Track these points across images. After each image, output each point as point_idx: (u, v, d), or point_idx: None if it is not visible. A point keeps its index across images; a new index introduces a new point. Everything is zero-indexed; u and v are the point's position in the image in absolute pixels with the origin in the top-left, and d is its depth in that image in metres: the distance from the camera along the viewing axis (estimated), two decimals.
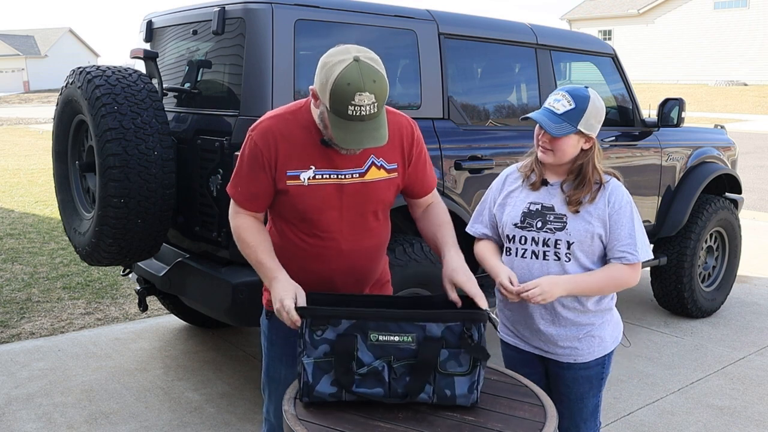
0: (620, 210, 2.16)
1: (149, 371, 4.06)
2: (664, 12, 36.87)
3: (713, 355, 4.39)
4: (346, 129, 1.81)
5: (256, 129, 2.00)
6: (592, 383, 2.31)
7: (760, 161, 14.02)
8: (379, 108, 1.80)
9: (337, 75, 1.75)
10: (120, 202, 3.00)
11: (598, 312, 2.25)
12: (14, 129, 22.30)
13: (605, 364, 2.31)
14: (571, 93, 2.15)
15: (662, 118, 4.61)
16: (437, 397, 1.80)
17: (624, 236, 2.15)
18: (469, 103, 3.77)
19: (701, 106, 27.28)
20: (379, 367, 1.78)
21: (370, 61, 1.78)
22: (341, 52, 1.80)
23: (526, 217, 2.24)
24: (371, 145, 1.83)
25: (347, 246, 2.06)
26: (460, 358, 1.79)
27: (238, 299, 2.98)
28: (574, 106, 2.12)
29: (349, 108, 1.76)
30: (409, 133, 2.09)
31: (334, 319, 1.79)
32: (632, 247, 2.15)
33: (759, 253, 6.99)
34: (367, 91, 1.75)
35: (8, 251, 6.65)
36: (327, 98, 1.79)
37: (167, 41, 3.71)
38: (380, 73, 1.78)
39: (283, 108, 2.04)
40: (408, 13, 3.50)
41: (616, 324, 2.33)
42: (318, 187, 1.98)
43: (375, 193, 2.04)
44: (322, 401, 1.81)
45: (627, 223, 2.15)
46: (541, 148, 2.21)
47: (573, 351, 2.26)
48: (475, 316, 1.80)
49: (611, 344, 2.30)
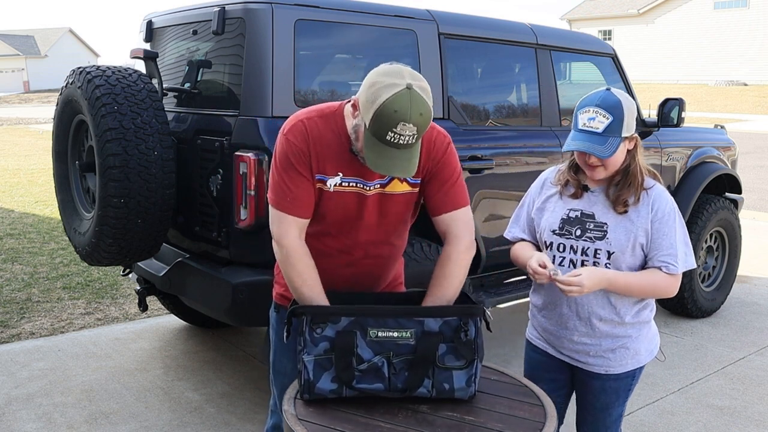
0: (663, 218, 2.07)
1: (149, 371, 4.06)
2: (664, 12, 36.86)
3: (713, 355, 4.39)
4: (380, 153, 1.77)
5: (288, 129, 1.94)
6: (620, 394, 2.24)
7: (760, 161, 14.02)
8: (417, 140, 1.77)
9: (386, 99, 1.71)
10: (120, 202, 3.00)
11: (636, 324, 2.17)
12: (14, 129, 22.30)
13: (635, 375, 2.24)
14: (602, 106, 2.03)
15: (662, 118, 4.61)
16: (436, 391, 1.83)
17: (665, 246, 2.06)
18: (469, 103, 3.77)
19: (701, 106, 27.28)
20: (378, 362, 1.80)
21: (421, 91, 1.74)
22: (394, 74, 1.75)
23: (565, 224, 2.16)
24: (400, 175, 1.79)
25: (360, 254, 2.06)
26: (457, 351, 1.82)
27: (238, 299, 2.98)
28: (612, 119, 2.01)
29: (389, 134, 1.73)
30: (438, 148, 2.01)
31: (334, 317, 1.81)
32: (673, 257, 2.06)
33: (759, 253, 6.99)
34: (412, 123, 1.72)
35: (8, 251, 6.65)
36: (369, 118, 1.75)
37: (167, 41, 3.71)
38: (427, 106, 1.74)
39: (312, 109, 1.98)
40: (408, 13, 3.50)
41: (652, 337, 2.25)
42: (341, 194, 1.97)
43: (394, 205, 2.02)
44: (322, 398, 1.82)
45: (669, 233, 2.07)
46: (590, 168, 2.10)
47: (605, 362, 2.19)
48: (472, 310, 1.83)
49: (645, 357, 2.22)
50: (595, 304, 2.15)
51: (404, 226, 2.12)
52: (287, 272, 1.95)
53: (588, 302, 2.15)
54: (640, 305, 2.17)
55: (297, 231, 1.95)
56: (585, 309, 2.16)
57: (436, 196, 2.02)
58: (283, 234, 1.94)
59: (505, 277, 4.05)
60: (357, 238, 2.03)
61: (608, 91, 2.07)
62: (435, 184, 2.02)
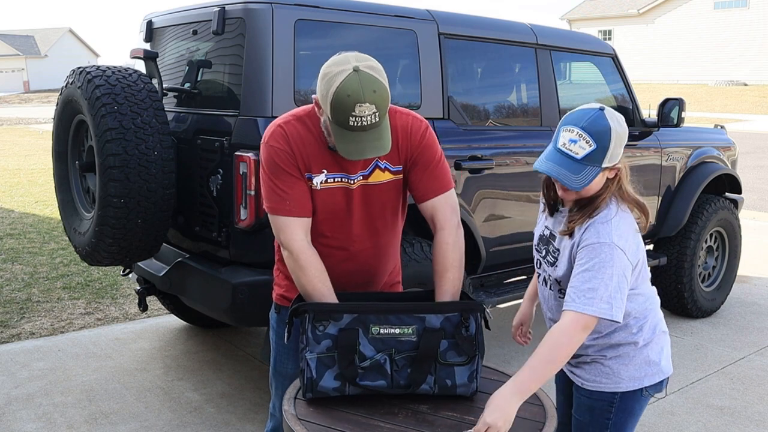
0: (585, 248, 1.81)
1: (149, 371, 4.06)
2: (664, 12, 36.87)
3: (713, 355, 4.39)
4: (349, 139, 1.80)
5: (269, 136, 1.96)
6: (593, 416, 2.01)
7: (760, 161, 14.02)
8: (381, 117, 1.79)
9: (337, 86, 1.74)
10: (120, 202, 3.00)
11: (605, 346, 1.98)
12: (14, 129, 22.30)
13: (614, 402, 1.98)
14: (588, 130, 1.78)
15: (662, 118, 4.61)
16: (438, 387, 1.84)
17: (575, 277, 1.81)
18: (469, 103, 3.77)
19: (701, 106, 27.28)
20: (381, 360, 1.82)
21: (369, 70, 1.77)
22: (341, 62, 1.78)
23: (540, 241, 2.07)
24: (374, 154, 1.82)
25: (356, 247, 2.07)
26: (458, 347, 1.84)
27: (238, 299, 2.98)
28: (595, 147, 1.78)
29: (350, 119, 1.76)
30: (415, 134, 2.02)
31: (336, 314, 1.81)
32: (576, 292, 1.78)
33: (759, 253, 6.99)
34: (368, 102, 1.74)
35: (8, 251, 6.65)
36: (328, 109, 1.79)
37: (167, 41, 3.71)
38: (380, 83, 1.77)
39: (287, 114, 2.01)
40: (408, 13, 3.50)
41: (644, 364, 1.98)
42: (328, 190, 1.98)
43: (380, 195, 2.04)
44: (325, 396, 1.82)
45: (584, 264, 1.79)
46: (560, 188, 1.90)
47: (581, 372, 2.05)
48: (473, 306, 1.86)
49: (628, 384, 1.97)
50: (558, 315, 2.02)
51: (395, 216, 2.13)
52: (298, 278, 1.95)
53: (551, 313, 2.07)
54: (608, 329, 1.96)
55: (303, 232, 1.96)
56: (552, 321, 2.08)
57: (421, 181, 2.04)
58: (290, 239, 1.95)
59: (505, 277, 4.05)
60: (350, 233, 2.05)
61: (601, 112, 1.81)
62: (418, 170, 2.04)
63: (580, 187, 1.81)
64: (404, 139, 2.02)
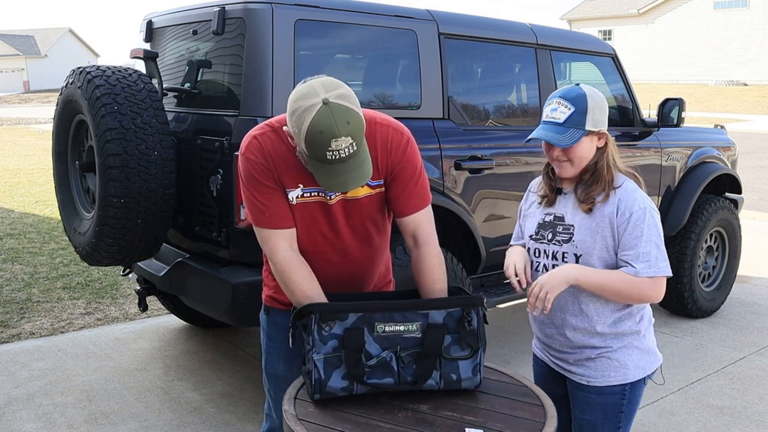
0: (629, 217, 1.96)
1: (149, 371, 4.06)
2: (664, 12, 36.87)
3: (713, 355, 4.39)
4: (329, 173, 1.76)
5: (245, 148, 1.93)
6: (607, 413, 2.08)
7: (760, 161, 14.02)
8: (358, 145, 1.74)
9: (308, 123, 1.68)
10: (120, 202, 3.00)
11: (616, 335, 2.06)
12: (14, 129, 22.30)
13: (625, 394, 2.07)
14: (565, 97, 2.00)
15: (662, 118, 4.61)
16: (444, 382, 1.85)
17: (627, 246, 1.96)
18: (469, 103, 3.77)
19: (701, 106, 27.28)
20: (387, 357, 1.83)
21: (340, 100, 1.70)
22: (308, 95, 1.71)
23: (540, 229, 2.13)
24: (357, 184, 1.77)
25: (337, 258, 2.05)
26: (461, 342, 1.86)
27: (238, 299, 2.98)
28: (573, 110, 1.98)
29: (327, 153, 1.71)
30: (395, 148, 1.97)
31: (342, 314, 1.82)
32: (634, 258, 1.95)
33: (759, 253, 6.99)
34: (343, 135, 1.68)
35: (8, 251, 6.65)
36: (303, 145, 1.73)
37: (167, 41, 3.71)
38: (352, 112, 1.70)
39: (264, 124, 1.96)
40: (408, 13, 3.50)
41: (644, 353, 2.09)
42: (304, 205, 1.96)
43: (361, 209, 2.01)
44: (333, 397, 1.82)
45: (633, 232, 1.96)
46: (556, 163, 2.05)
47: (587, 371, 2.10)
48: (474, 300, 1.88)
49: (635, 373, 2.07)
50: (567, 312, 2.09)
51: (379, 225, 2.10)
52: (286, 287, 1.94)
53: (561, 309, 2.10)
54: (618, 314, 2.06)
55: (286, 243, 1.94)
56: (558, 317, 2.11)
57: (401, 197, 2.01)
58: (272, 251, 1.94)
59: (505, 277, 4.05)
60: (333, 245, 2.03)
61: (576, 85, 2.04)
62: (399, 185, 2.00)
63: (567, 144, 1.98)
64: (384, 154, 1.97)
